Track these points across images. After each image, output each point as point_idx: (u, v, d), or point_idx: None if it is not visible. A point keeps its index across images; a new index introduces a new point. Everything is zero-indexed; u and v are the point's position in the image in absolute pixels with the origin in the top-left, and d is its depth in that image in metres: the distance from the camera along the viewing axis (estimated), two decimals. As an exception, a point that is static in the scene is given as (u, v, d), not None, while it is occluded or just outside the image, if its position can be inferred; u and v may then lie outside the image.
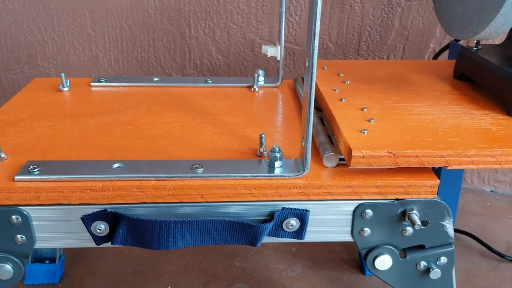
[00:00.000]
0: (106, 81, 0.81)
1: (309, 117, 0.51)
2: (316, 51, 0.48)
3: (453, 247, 0.59)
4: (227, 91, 0.81)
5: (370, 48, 1.29)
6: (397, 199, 0.56)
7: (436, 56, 1.01)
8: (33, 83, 0.81)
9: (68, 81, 0.78)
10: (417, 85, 0.74)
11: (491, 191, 1.35)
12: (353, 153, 0.53)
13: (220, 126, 0.68)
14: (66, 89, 0.78)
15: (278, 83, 0.83)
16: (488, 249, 1.07)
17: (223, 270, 1.03)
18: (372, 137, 0.56)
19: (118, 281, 0.98)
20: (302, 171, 0.54)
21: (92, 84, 0.80)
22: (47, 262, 0.97)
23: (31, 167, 0.53)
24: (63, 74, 0.76)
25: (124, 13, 1.38)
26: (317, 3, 0.46)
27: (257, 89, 0.81)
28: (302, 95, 0.75)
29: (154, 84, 0.82)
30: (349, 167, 0.54)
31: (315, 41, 0.48)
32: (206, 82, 0.83)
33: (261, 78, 0.83)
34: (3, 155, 0.56)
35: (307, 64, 0.50)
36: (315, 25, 0.47)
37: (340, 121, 0.60)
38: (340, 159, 0.57)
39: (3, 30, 1.46)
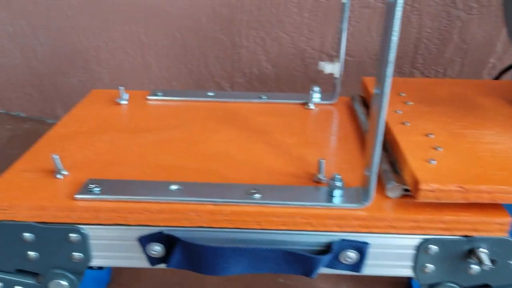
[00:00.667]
0: (162, 95, 0.81)
1: (376, 146, 0.49)
2: (389, 80, 0.46)
3: (523, 288, 0.55)
4: (282, 108, 0.79)
5: (427, 61, 1.24)
6: (465, 236, 0.53)
7: (498, 76, 0.96)
8: (91, 95, 0.82)
9: (127, 94, 0.79)
10: (483, 108, 0.70)
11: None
12: (421, 186, 0.50)
13: (275, 146, 0.66)
14: (124, 102, 0.78)
15: (335, 101, 0.81)
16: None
17: (266, 286, 1.01)
18: (441, 168, 0.53)
19: (162, 291, 0.98)
20: (364, 202, 0.52)
21: (148, 97, 0.80)
22: (95, 268, 0.98)
23: (91, 186, 0.53)
24: (121, 87, 0.77)
25: (177, 21, 1.39)
26: (394, 32, 0.44)
27: (312, 107, 0.79)
28: (361, 116, 0.73)
29: (208, 99, 0.81)
30: (415, 201, 0.51)
31: (389, 69, 0.45)
32: (260, 98, 0.82)
33: (317, 95, 0.81)
34: (65, 172, 0.56)
35: (377, 91, 0.48)
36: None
37: (405, 149, 0.57)
38: (404, 189, 0.54)
39: (62, 35, 1.50)
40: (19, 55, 1.57)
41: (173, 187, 0.54)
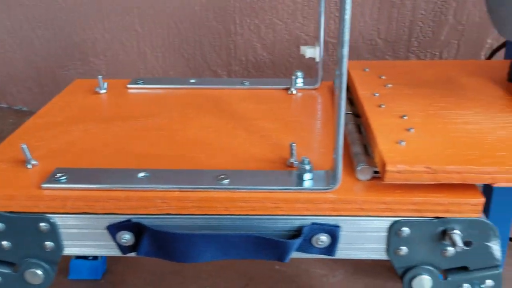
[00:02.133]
0: (143, 83, 0.81)
1: (339, 129, 0.48)
2: (345, 60, 0.45)
3: (500, 270, 0.54)
4: (264, 94, 0.79)
5: (422, 44, 1.22)
6: (436, 217, 0.52)
7: (491, 55, 0.94)
8: (73, 85, 0.82)
9: (106, 83, 0.79)
10: (466, 89, 0.68)
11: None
12: (387, 168, 0.49)
13: (253, 132, 0.65)
14: (103, 91, 0.78)
15: (317, 85, 0.80)
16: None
17: (262, 273, 1.01)
18: (410, 149, 0.52)
19: (157, 279, 0.99)
20: (332, 185, 0.51)
21: (129, 86, 0.80)
22: (90, 258, 0.99)
23: (58, 175, 0.53)
24: (100, 76, 0.77)
25: (171, 10, 1.39)
26: (346, 9, 0.43)
27: (295, 92, 0.78)
28: (341, 99, 0.72)
29: (190, 86, 0.81)
30: (383, 182, 0.50)
31: (345, 49, 0.44)
32: (243, 84, 0.81)
33: (300, 80, 0.80)
34: (34, 162, 0.57)
35: (337, 72, 0.47)
36: (344, 32, 0.44)
37: (376, 130, 0.56)
38: (376, 172, 0.54)
39: (58, 28, 1.51)
40: (18, 50, 1.58)
41: (141, 174, 0.54)
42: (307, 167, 0.52)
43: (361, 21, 1.23)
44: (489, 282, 0.55)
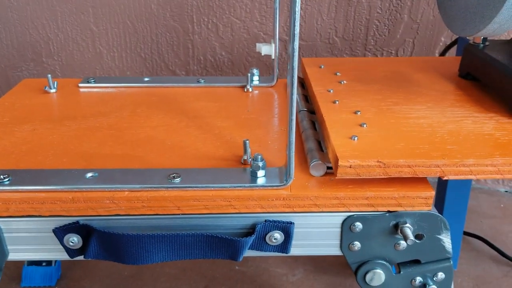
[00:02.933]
0: (95, 82, 0.78)
1: (291, 124, 0.47)
2: (296, 53, 0.44)
3: (451, 262, 0.55)
4: (220, 92, 0.78)
5: (378, 42, 1.24)
6: (389, 211, 0.52)
7: (444, 52, 0.96)
8: (21, 84, 0.79)
9: (56, 82, 0.76)
10: (418, 85, 0.69)
11: (506, 191, 1.29)
12: (340, 163, 0.49)
13: (206, 130, 0.64)
14: (53, 90, 0.75)
15: (274, 83, 0.80)
16: (500, 254, 1.02)
17: (222, 274, 1.00)
18: (363, 144, 0.52)
19: (115, 284, 0.96)
20: (285, 181, 0.51)
21: (80, 85, 0.78)
22: (43, 264, 0.95)
23: (1, 176, 0.51)
24: (49, 75, 0.74)
25: (127, 9, 1.36)
26: (296, 1, 0.42)
27: (250, 89, 0.78)
28: (297, 95, 0.72)
29: (144, 84, 0.79)
30: (337, 177, 0.50)
31: (295, 43, 0.44)
32: (198, 82, 0.80)
33: (256, 78, 0.80)
34: (-26, 164, 0.54)
35: (288, 67, 0.46)
36: (295, 25, 0.43)
37: (330, 126, 0.56)
38: (329, 168, 0.53)
39: (8, 27, 1.45)
40: (-33, 50, 1.51)
41: (89, 174, 0.52)
42: (260, 163, 0.52)
43: (319, 20, 1.24)
44: (440, 275, 0.55)
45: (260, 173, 0.52)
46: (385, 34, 1.22)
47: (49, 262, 0.96)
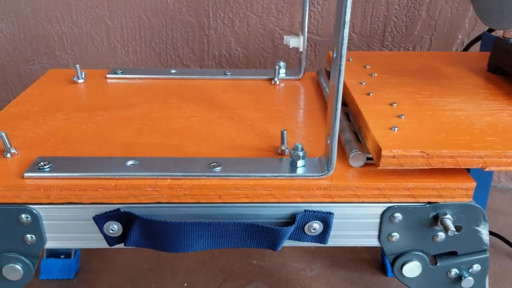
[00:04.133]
0: (122, 73, 0.78)
1: (335, 113, 0.47)
2: (345, 41, 0.44)
3: (488, 254, 0.55)
4: (247, 84, 0.77)
5: (396, 39, 1.24)
6: (429, 203, 0.52)
7: (466, 48, 0.96)
8: (47, 75, 0.79)
9: (83, 72, 0.76)
10: (449, 78, 0.69)
11: (520, 189, 1.29)
12: (383, 153, 0.49)
13: (238, 121, 0.64)
14: (81, 81, 0.75)
15: (300, 76, 0.80)
16: (517, 251, 1.02)
17: (240, 268, 1.00)
18: (403, 135, 0.52)
19: (134, 277, 0.96)
20: (326, 171, 0.50)
21: (107, 76, 0.78)
22: (62, 257, 0.95)
23: (42, 163, 0.51)
24: (78, 65, 0.74)
25: (142, 3, 1.36)
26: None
27: (278, 82, 0.78)
28: (326, 88, 0.72)
29: (171, 76, 0.79)
30: (378, 168, 0.50)
31: (345, 30, 0.44)
32: (225, 74, 0.79)
33: (282, 70, 0.80)
34: (13, 150, 0.54)
35: (334, 55, 0.46)
36: (345, 12, 0.43)
37: (368, 117, 0.56)
38: (368, 159, 0.53)
39: (21, 20, 1.45)
40: (-21, 43, 1.51)
41: (130, 162, 0.52)
42: (301, 153, 0.52)
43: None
44: (476, 267, 0.55)
45: (300, 163, 0.52)
46: (403, 31, 1.22)
47: (68, 255, 0.95)
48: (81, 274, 0.97)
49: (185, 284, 0.95)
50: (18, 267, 0.52)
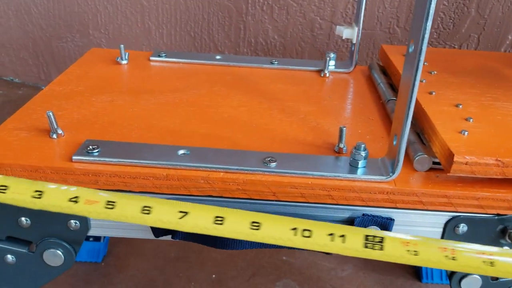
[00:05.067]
0: (166, 56, 0.75)
1: (408, 112, 0.44)
2: (427, 35, 0.40)
3: (555, 272, 0.51)
4: (294, 75, 0.74)
5: (441, 36, 1.19)
6: (498, 215, 0.48)
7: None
8: (90, 53, 0.76)
9: (127, 53, 0.73)
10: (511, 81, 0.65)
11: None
12: (455, 158, 0.45)
13: (290, 114, 0.61)
14: (124, 62, 0.73)
15: (351, 69, 0.76)
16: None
17: (269, 263, 0.97)
18: (475, 140, 0.48)
19: (161, 265, 0.94)
20: (391, 174, 0.47)
21: (151, 58, 0.75)
22: (91, 239, 0.93)
23: (90, 147, 0.48)
24: (122, 45, 0.71)
25: (181, -15, 1.33)
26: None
27: (327, 75, 0.74)
28: (381, 84, 0.68)
29: (215, 62, 0.75)
30: (448, 174, 0.46)
31: (428, 23, 0.40)
32: (272, 63, 0.76)
33: (332, 62, 0.76)
34: (60, 131, 0.51)
35: (411, 49, 0.43)
36: (430, 2, 0.39)
37: (434, 118, 0.52)
38: (434, 163, 0.50)
39: (57, -4, 1.43)
40: (13, 17, 1.50)
41: (181, 152, 0.49)
42: (363, 153, 0.48)
43: (380, 8, 1.19)
44: (539, 285, 0.52)
45: (361, 163, 0.49)
46: (450, 28, 1.17)
47: (97, 238, 0.94)
48: (109, 258, 0.95)
49: (214, 276, 0.93)
50: (59, 252, 0.50)
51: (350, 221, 0.49)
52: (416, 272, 0.95)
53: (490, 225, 0.49)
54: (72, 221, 0.49)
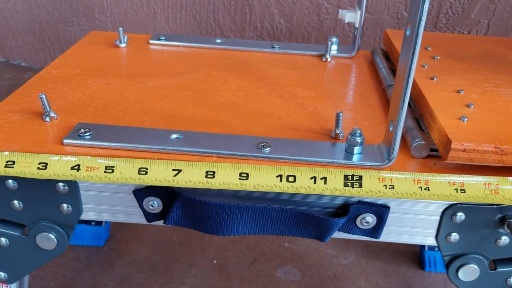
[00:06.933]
0: (165, 39, 0.74)
1: (404, 97, 0.43)
2: (424, 18, 0.39)
3: (555, 263, 0.50)
4: (296, 59, 0.73)
5: (450, 21, 1.16)
6: (496, 203, 0.47)
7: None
8: (89, 36, 0.75)
9: (126, 36, 0.72)
10: (519, 67, 0.63)
11: None
12: (453, 145, 0.44)
13: (288, 99, 0.60)
14: (123, 45, 0.72)
15: (353, 54, 0.74)
16: None
17: (271, 250, 0.97)
18: (474, 127, 0.47)
19: (163, 249, 0.95)
20: (387, 160, 0.46)
21: (150, 41, 0.74)
22: (93, 223, 0.94)
23: (82, 130, 0.48)
24: (121, 28, 0.70)
25: (186, -32, 1.31)
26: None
27: (329, 59, 0.73)
28: (383, 69, 0.66)
29: (216, 46, 0.74)
30: (445, 162, 0.45)
31: (425, 5, 0.39)
32: (273, 47, 0.75)
33: (334, 47, 0.74)
34: (52, 114, 0.51)
35: (408, 32, 0.41)
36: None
37: (433, 104, 0.51)
38: (431, 149, 0.49)
39: (62, -21, 1.42)
40: (20, 1, 1.49)
41: (174, 136, 0.48)
42: (359, 139, 0.47)
43: (389, -7, 1.17)
44: (539, 275, 0.51)
45: (357, 149, 0.48)
46: (459, 13, 1.15)
47: (99, 222, 0.94)
48: (111, 242, 0.95)
49: (215, 261, 0.93)
50: (52, 236, 0.50)
51: (344, 208, 0.48)
52: (419, 260, 0.95)
53: (488, 214, 0.47)
54: (64, 204, 0.49)
